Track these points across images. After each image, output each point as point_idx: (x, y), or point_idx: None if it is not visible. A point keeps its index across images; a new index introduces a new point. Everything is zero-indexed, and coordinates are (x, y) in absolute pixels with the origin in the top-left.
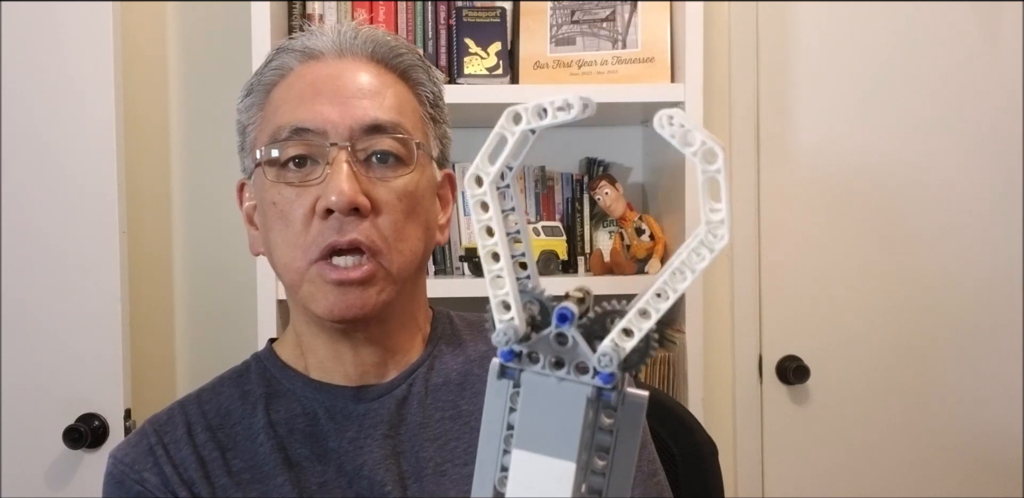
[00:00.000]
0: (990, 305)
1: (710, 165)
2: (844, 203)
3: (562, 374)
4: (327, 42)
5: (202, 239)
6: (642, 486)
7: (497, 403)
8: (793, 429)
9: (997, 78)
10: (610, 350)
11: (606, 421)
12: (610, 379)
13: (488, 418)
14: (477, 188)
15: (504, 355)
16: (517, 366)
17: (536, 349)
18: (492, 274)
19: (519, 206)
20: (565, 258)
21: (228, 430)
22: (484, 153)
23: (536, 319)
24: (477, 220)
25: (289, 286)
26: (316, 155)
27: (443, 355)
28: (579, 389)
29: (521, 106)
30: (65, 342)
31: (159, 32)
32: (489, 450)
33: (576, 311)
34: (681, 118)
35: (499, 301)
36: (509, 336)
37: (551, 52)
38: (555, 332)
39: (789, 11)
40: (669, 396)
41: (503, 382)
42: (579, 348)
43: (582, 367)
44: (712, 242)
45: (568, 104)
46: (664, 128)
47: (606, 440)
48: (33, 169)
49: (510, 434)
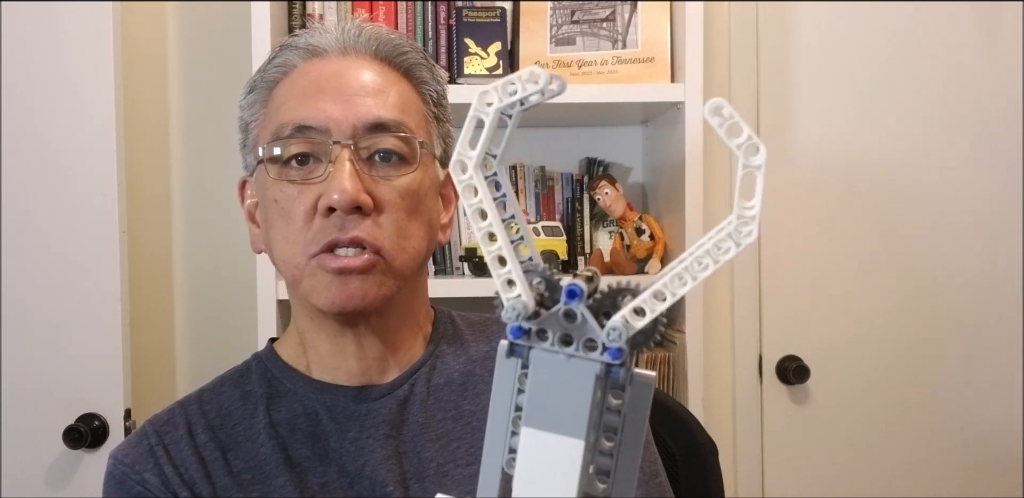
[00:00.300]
0: (990, 305)
1: (753, 159)
2: (844, 203)
3: (571, 351)
4: (331, 40)
5: (202, 239)
6: (644, 487)
7: (506, 384)
8: (793, 429)
9: (997, 78)
10: (620, 325)
11: (614, 401)
12: (619, 354)
13: (496, 399)
14: (462, 173)
15: (513, 331)
16: (526, 343)
17: (545, 326)
18: (492, 255)
19: (510, 192)
20: (565, 258)
21: (229, 430)
22: (464, 139)
23: (544, 297)
24: (468, 205)
25: (290, 282)
26: (319, 153)
27: (445, 355)
28: (588, 366)
29: (490, 85)
30: (65, 342)
31: (159, 32)
32: (497, 431)
33: (585, 288)
34: (731, 110)
35: (503, 280)
36: (519, 311)
37: (551, 52)
38: (564, 309)
39: (789, 11)
40: (669, 396)
41: (512, 361)
42: (588, 324)
43: (590, 344)
44: (740, 237)
45: (534, 74)
46: (713, 117)
47: (614, 421)
48: (33, 169)
49: (518, 415)
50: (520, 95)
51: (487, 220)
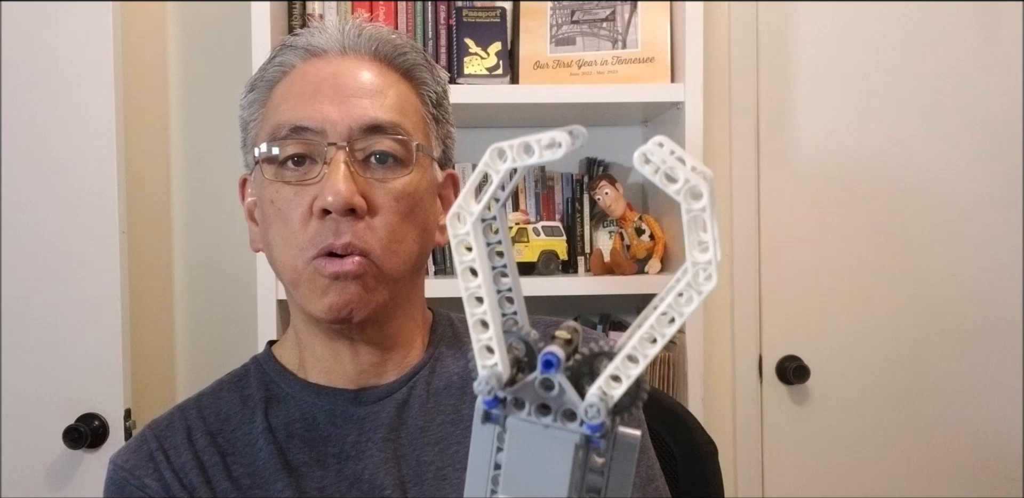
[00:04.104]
0: (990, 305)
1: (695, 203)
2: (844, 203)
3: (548, 421)
4: (330, 40)
5: (202, 239)
6: (640, 492)
7: (483, 444)
8: (793, 429)
9: (997, 78)
10: (597, 401)
11: (597, 460)
12: (598, 429)
13: (475, 458)
14: (460, 228)
15: (487, 402)
16: (502, 412)
17: (521, 395)
18: (475, 318)
19: (506, 238)
20: (565, 258)
21: (228, 435)
22: (468, 191)
23: (522, 360)
24: (459, 262)
25: (287, 284)
26: (314, 154)
27: (444, 358)
28: (567, 436)
29: (506, 143)
30: (65, 342)
31: (159, 32)
32: (477, 490)
33: (562, 356)
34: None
35: (482, 346)
36: (491, 385)
37: (551, 52)
38: (541, 378)
39: (789, 11)
40: (669, 396)
41: (488, 425)
42: (566, 395)
43: (569, 413)
44: (699, 285)
45: (555, 142)
46: (644, 166)
47: (597, 480)
48: (33, 169)
49: (498, 473)
50: (535, 160)
51: (476, 281)
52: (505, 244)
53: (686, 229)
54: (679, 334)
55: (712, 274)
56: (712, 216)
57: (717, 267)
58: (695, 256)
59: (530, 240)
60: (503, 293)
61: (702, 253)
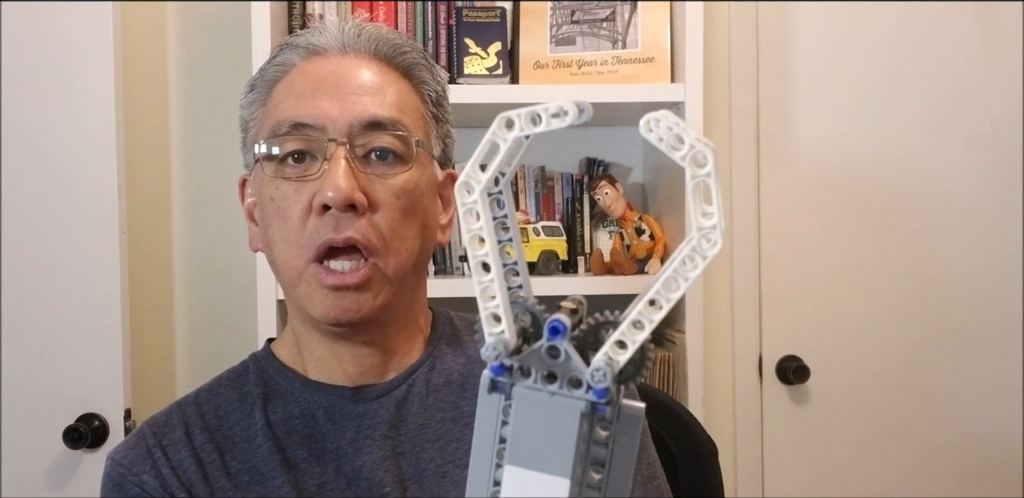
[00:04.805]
0: (990, 305)
1: (700, 169)
2: (844, 203)
3: (554, 388)
4: (330, 39)
5: (202, 239)
6: (641, 490)
7: (489, 416)
8: (793, 429)
9: (997, 78)
10: (603, 365)
11: (602, 434)
12: (604, 394)
13: (480, 431)
14: (467, 197)
15: (494, 369)
16: (508, 380)
17: (527, 363)
18: (482, 286)
19: (512, 212)
20: (565, 258)
21: (226, 431)
22: (475, 160)
23: (528, 331)
24: (467, 230)
25: (286, 283)
26: (314, 150)
27: (444, 356)
28: (572, 404)
29: (514, 112)
30: (65, 342)
31: (159, 32)
32: (482, 464)
33: (568, 323)
34: (668, 121)
35: (489, 313)
36: (499, 350)
37: (551, 52)
38: (547, 345)
39: (789, 11)
40: (669, 396)
41: (494, 396)
42: (572, 362)
43: (575, 381)
44: (705, 249)
45: (563, 111)
46: (651, 133)
47: (602, 453)
48: (33, 169)
49: (503, 447)
50: (542, 128)
51: (483, 249)
52: (511, 217)
53: (690, 196)
54: (679, 334)
55: (717, 240)
56: (716, 182)
57: (722, 233)
58: (699, 221)
59: (530, 240)
60: (508, 266)
61: (706, 219)
